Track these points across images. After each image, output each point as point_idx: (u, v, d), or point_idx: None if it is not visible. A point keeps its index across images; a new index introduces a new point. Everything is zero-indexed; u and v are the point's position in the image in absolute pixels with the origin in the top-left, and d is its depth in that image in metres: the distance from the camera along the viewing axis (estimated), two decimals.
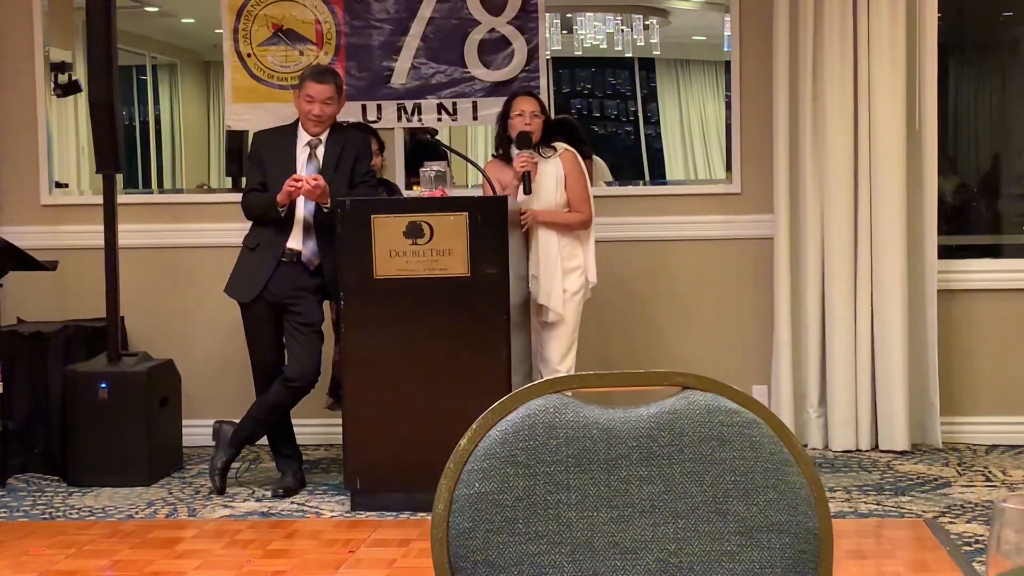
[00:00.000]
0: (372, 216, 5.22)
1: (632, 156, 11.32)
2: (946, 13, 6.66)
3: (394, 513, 5.26)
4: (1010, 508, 1.06)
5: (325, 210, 5.44)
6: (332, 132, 5.65)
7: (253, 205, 5.62)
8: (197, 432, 6.36)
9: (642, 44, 9.95)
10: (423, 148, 6.64)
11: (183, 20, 10.02)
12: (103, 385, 5.84)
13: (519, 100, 5.78)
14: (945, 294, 6.36)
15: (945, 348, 6.34)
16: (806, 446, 6.33)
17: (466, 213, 5.20)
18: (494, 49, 6.54)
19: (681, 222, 6.60)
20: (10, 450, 5.99)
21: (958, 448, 6.33)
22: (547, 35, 6.92)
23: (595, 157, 7.26)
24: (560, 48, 9.56)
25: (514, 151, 5.70)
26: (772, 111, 6.38)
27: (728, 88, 6.72)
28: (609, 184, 7.63)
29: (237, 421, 5.72)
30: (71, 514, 5.40)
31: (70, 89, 6.62)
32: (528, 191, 5.61)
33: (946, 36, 6.70)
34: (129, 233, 6.35)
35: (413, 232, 5.20)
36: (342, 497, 5.52)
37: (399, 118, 6.61)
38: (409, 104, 6.58)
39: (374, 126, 6.44)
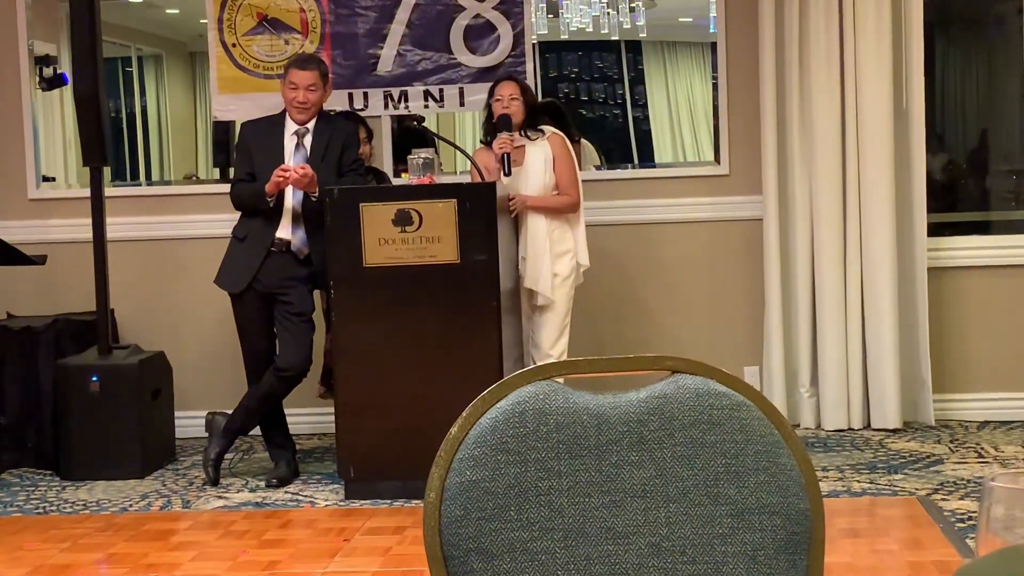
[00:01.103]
0: (361, 204, 5.22)
1: (620, 139, 11.32)
2: None
3: (388, 501, 5.26)
4: (999, 487, 1.06)
5: (313, 199, 5.43)
6: (319, 121, 5.63)
7: (242, 195, 5.61)
8: (190, 424, 6.36)
9: (628, 27, 9.94)
10: (410, 135, 6.62)
11: (168, 11, 9.99)
12: (94, 378, 5.83)
13: (499, 85, 5.79)
14: (935, 271, 6.37)
15: (936, 325, 6.35)
16: (798, 426, 6.34)
17: (455, 200, 5.20)
18: (480, 35, 6.53)
19: (670, 204, 6.59)
20: (2, 445, 5.99)
21: (950, 425, 6.34)
22: (533, 19, 6.91)
23: (583, 140, 7.26)
24: (546, 32, 9.55)
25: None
26: (759, 91, 6.37)
27: (715, 69, 6.71)
28: (598, 168, 7.63)
29: (229, 412, 5.72)
30: (65, 508, 5.40)
31: (55, 82, 6.59)
32: (508, 172, 5.59)
33: (932, 13, 6.70)
34: (117, 226, 6.34)
35: (402, 220, 5.20)
36: (336, 486, 5.52)
37: (386, 106, 6.60)
38: (395, 91, 6.56)
39: (361, 114, 6.43)
